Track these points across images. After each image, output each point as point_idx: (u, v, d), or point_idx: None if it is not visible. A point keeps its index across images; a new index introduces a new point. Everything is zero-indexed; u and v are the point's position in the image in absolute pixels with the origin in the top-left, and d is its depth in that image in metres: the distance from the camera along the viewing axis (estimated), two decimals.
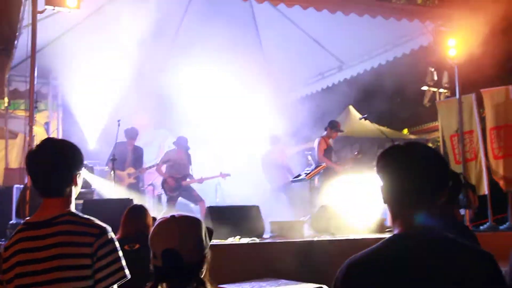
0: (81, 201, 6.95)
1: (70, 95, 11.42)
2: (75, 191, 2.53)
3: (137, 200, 8.69)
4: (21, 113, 11.52)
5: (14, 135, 11.11)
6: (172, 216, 2.18)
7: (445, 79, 13.84)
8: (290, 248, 6.15)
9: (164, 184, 9.62)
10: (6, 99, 11.28)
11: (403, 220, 1.82)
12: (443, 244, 1.76)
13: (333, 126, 9.92)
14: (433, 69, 15.23)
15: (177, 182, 9.49)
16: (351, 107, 15.58)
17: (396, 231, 1.83)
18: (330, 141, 9.99)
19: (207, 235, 2.23)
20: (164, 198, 9.89)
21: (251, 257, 5.81)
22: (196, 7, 10.58)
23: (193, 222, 2.19)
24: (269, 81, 12.15)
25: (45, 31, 9.27)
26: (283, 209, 9.50)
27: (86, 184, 8.17)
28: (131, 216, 4.71)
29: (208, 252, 2.21)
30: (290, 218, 8.08)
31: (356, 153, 10.37)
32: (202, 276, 2.15)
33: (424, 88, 16.62)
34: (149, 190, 10.76)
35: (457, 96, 9.50)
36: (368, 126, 14.27)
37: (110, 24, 9.74)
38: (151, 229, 2.18)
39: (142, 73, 11.40)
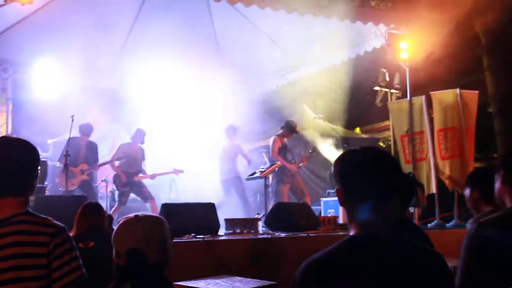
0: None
1: (21, 88, 11.18)
2: (32, 191, 2.51)
3: (89, 197, 8.67)
4: None
5: None
6: (136, 216, 2.21)
7: (396, 81, 14.19)
8: (245, 246, 6.24)
9: (116, 179, 9.53)
10: None
11: (358, 222, 1.88)
12: (395, 246, 1.83)
13: (289, 127, 10.01)
14: (385, 70, 15.57)
15: (128, 177, 9.42)
16: (305, 106, 15.75)
17: (351, 233, 1.89)
18: (285, 139, 10.10)
19: (170, 234, 2.27)
20: (117, 194, 9.76)
21: (206, 254, 5.85)
22: (151, 2, 10.49)
23: (156, 222, 2.24)
24: (225, 78, 12.21)
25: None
26: (236, 205, 9.59)
27: (39, 180, 8.02)
28: (86, 213, 4.69)
29: (171, 251, 2.26)
30: (244, 215, 8.16)
31: (310, 151, 10.54)
32: (166, 275, 2.20)
33: (376, 88, 16.96)
34: (102, 186, 10.63)
35: (408, 97, 9.80)
36: (322, 124, 14.53)
37: (63, 16, 9.62)
38: (106, 226, 2.21)
39: (95, 67, 11.27)
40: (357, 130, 21.80)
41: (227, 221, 7.46)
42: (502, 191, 2.29)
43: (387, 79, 15.84)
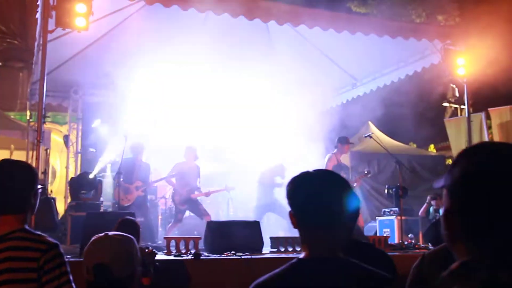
0: (84, 213, 7.27)
1: (89, 109, 11.86)
2: (31, 208, 2.72)
3: (141, 213, 9.04)
4: (45, 126, 12.02)
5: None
6: (105, 234, 2.38)
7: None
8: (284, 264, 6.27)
9: (174, 196, 9.82)
10: (28, 112, 11.78)
11: (309, 244, 1.90)
12: (343, 270, 1.85)
13: (342, 141, 9.95)
14: (454, 86, 15.17)
15: (186, 195, 9.69)
16: (370, 123, 15.56)
17: (301, 256, 1.91)
18: (342, 158, 10.01)
19: (138, 253, 2.41)
20: (174, 211, 10.06)
21: (242, 272, 5.95)
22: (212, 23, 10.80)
23: (125, 240, 2.39)
24: (286, 95, 12.35)
25: (66, 46, 9.70)
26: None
27: (94, 196, 8.47)
28: (118, 230, 4.92)
29: (139, 269, 2.40)
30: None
31: (365, 171, 10.36)
32: None
33: (445, 104, 16.50)
34: (162, 202, 11.01)
35: (466, 114, 9.50)
36: (388, 142, 14.30)
37: (132, 38, 10.06)
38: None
39: (158, 87, 11.73)
40: (431, 147, 21.26)
41: (272, 239, 7.56)
42: None
43: (457, 94, 15.42)
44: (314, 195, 1.89)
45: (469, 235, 1.19)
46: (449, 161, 18.55)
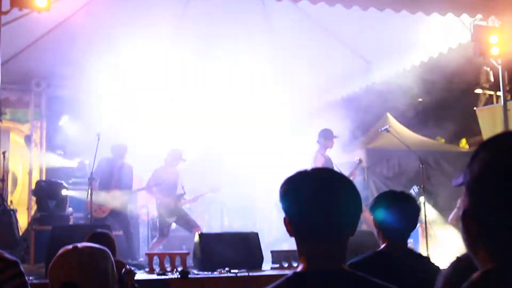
0: (49, 227, 7.32)
1: (56, 104, 11.87)
2: None
3: (119, 226, 9.08)
4: (3, 124, 12.02)
5: None
6: (75, 246, 2.41)
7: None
8: None
9: (160, 208, 9.81)
10: None
11: (307, 255, 1.91)
12: (349, 283, 1.87)
13: (326, 135, 9.97)
14: (488, 69, 15.19)
15: (173, 205, 9.72)
16: (388, 115, 15.56)
17: (298, 269, 1.92)
18: (327, 154, 10.04)
19: (114, 268, 2.45)
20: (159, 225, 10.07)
21: None
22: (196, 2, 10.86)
23: (97, 253, 2.42)
24: (285, 82, 12.38)
25: (26, 31, 9.72)
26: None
27: (62, 207, 8.50)
28: None
29: (115, 286, 2.44)
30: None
31: (357, 160, 10.34)
32: None
33: (478, 91, 16.57)
34: (143, 212, 11.04)
35: (502, 102, 9.55)
36: (410, 137, 14.32)
37: (101, 22, 10.11)
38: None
39: (134, 82, 11.77)
40: (463, 142, 21.29)
41: (274, 253, 7.62)
42: None
43: (491, 79, 15.45)
44: (313, 199, 1.88)
45: (489, 240, 1.19)
46: None
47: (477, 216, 1.20)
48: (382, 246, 3.30)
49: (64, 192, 8.81)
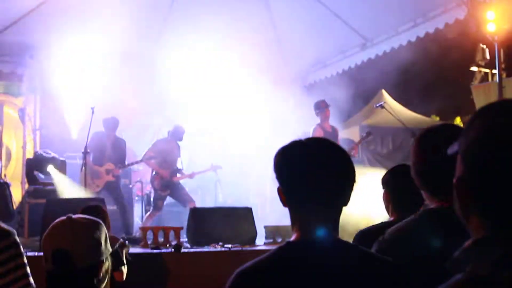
0: (43, 201, 7.31)
1: (50, 77, 11.78)
2: None
3: (113, 200, 9.07)
4: None
5: None
6: (69, 217, 2.40)
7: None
8: None
9: (154, 180, 9.84)
10: None
11: (300, 225, 1.92)
12: (342, 251, 1.88)
13: (317, 106, 10.06)
14: (484, 47, 15.16)
15: (168, 178, 9.73)
16: (384, 92, 15.57)
17: (292, 238, 1.94)
18: (328, 126, 10.05)
19: (108, 240, 2.45)
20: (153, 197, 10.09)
21: (232, 267, 6.01)
22: None
23: (90, 224, 2.42)
24: (281, 62, 12.36)
25: (18, 2, 9.64)
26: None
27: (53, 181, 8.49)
28: None
29: (108, 259, 2.44)
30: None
31: (365, 134, 10.36)
32: (98, 284, 2.37)
33: (474, 69, 16.55)
34: (138, 187, 11.05)
35: (497, 79, 9.54)
36: (405, 114, 14.33)
37: None
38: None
39: (132, 52, 11.71)
40: (458, 120, 21.33)
41: (267, 228, 7.64)
42: None
43: (487, 56, 15.43)
44: (307, 167, 1.90)
45: (482, 207, 1.18)
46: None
47: (471, 183, 1.19)
48: (391, 218, 3.31)
49: (49, 168, 8.74)
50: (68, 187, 8.39)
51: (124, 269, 4.84)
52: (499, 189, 1.14)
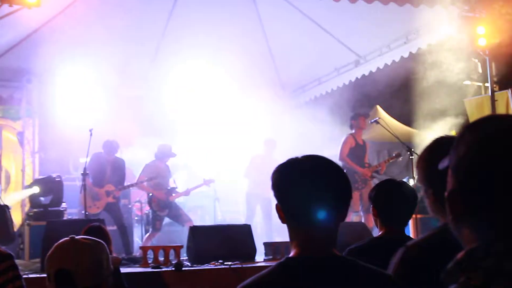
0: (44, 223, 7.31)
1: (48, 100, 11.84)
2: None
3: (113, 221, 9.07)
4: None
5: None
6: (72, 237, 2.44)
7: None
8: None
9: (151, 202, 9.83)
10: None
11: (298, 242, 1.95)
12: (342, 268, 1.90)
13: (354, 116, 10.18)
14: (476, 61, 15.22)
15: (165, 199, 9.74)
16: (378, 107, 15.63)
17: (291, 254, 1.95)
18: (362, 139, 10.12)
19: (109, 260, 2.48)
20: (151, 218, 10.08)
21: (232, 284, 6.01)
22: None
23: (92, 245, 2.45)
24: (276, 80, 12.43)
25: (16, 26, 9.69)
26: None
27: (56, 202, 8.50)
28: None
29: (109, 279, 2.46)
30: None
31: (394, 154, 10.40)
32: None
33: (467, 82, 16.56)
34: (137, 207, 11.05)
35: (490, 92, 9.60)
36: (401, 129, 14.37)
37: (88, 21, 10.11)
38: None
39: (128, 72, 11.78)
40: (453, 133, 21.39)
41: (266, 245, 7.64)
42: None
43: (480, 70, 15.47)
44: (304, 185, 1.92)
45: (473, 219, 1.21)
46: None
47: (462, 196, 1.22)
48: (380, 233, 3.32)
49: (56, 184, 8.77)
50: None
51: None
52: (489, 203, 1.16)
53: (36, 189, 8.78)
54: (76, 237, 2.45)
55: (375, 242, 3.25)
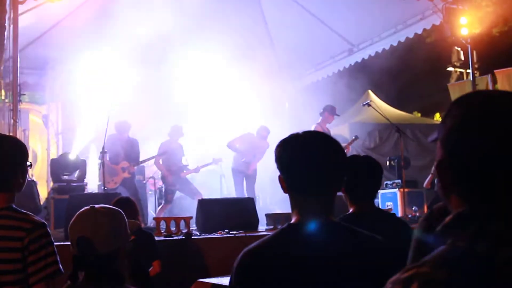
0: (66, 196, 7.33)
1: (70, 86, 11.82)
2: (19, 187, 2.71)
3: (130, 195, 9.06)
4: (22, 106, 11.98)
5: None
6: (92, 207, 2.43)
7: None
8: None
9: (165, 177, 9.89)
10: (3, 92, 11.74)
11: (299, 209, 1.94)
12: (339, 232, 1.91)
13: (330, 110, 10.02)
14: (459, 49, 15.16)
15: (175, 175, 9.77)
16: (370, 92, 15.56)
17: (292, 220, 1.95)
18: (328, 127, 10.06)
19: (127, 227, 2.46)
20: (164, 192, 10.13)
21: (236, 251, 6.02)
22: None
23: (111, 213, 2.43)
24: (277, 66, 12.37)
25: (41, 18, 9.66)
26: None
27: (79, 178, 8.52)
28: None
29: (127, 244, 2.45)
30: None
31: (353, 137, 10.37)
32: (120, 268, 2.39)
33: (450, 69, 16.51)
34: (151, 183, 11.07)
35: (471, 77, 9.56)
36: (390, 112, 14.33)
37: (108, 10, 10.07)
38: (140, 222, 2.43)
39: (144, 60, 11.73)
40: (437, 116, 21.32)
41: (268, 216, 7.65)
42: None
43: (462, 58, 15.42)
44: (304, 157, 1.93)
45: (461, 186, 1.19)
46: None
47: (450, 165, 1.20)
48: (351, 209, 3.18)
49: (79, 163, 8.78)
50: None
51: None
52: (475, 171, 1.15)
53: None
54: (96, 206, 2.44)
55: (347, 218, 3.11)
